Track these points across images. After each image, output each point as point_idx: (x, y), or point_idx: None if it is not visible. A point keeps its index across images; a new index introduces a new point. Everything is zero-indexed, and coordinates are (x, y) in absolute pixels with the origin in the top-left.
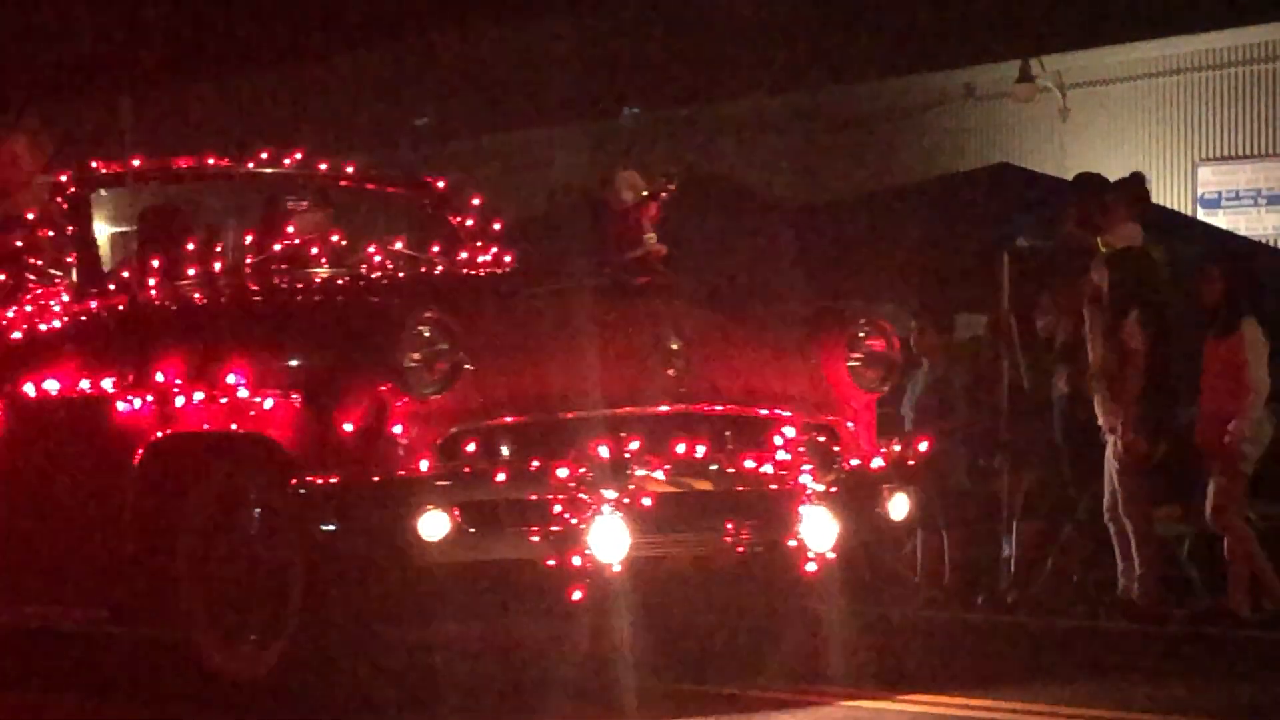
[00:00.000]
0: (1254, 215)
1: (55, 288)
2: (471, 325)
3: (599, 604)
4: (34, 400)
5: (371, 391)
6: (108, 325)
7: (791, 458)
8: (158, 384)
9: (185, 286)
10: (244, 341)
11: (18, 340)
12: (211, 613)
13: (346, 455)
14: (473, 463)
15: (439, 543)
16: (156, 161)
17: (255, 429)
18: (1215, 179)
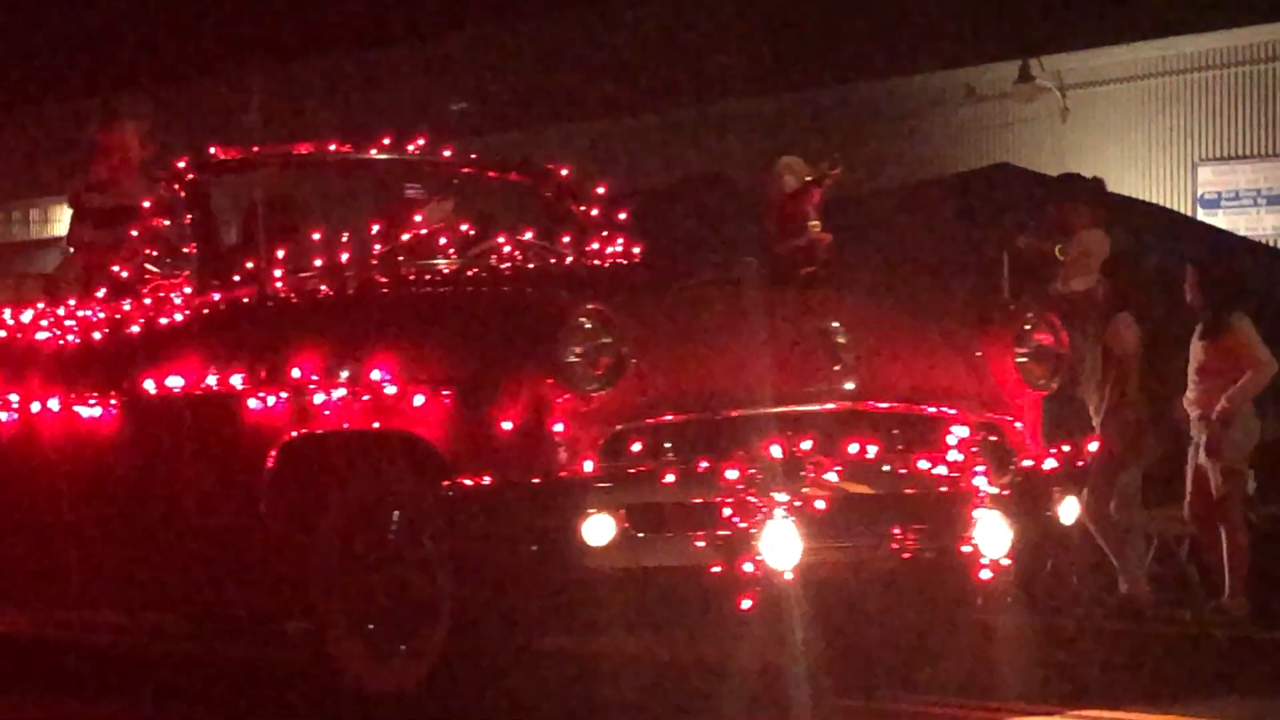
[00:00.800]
0: (1254, 215)
1: (175, 279)
2: (634, 318)
3: (769, 613)
4: (154, 398)
5: (531, 388)
6: (235, 318)
7: (964, 458)
8: (293, 380)
9: (313, 278)
10: (390, 335)
11: (136, 334)
12: (353, 624)
13: (503, 455)
14: (638, 463)
15: (604, 548)
16: (276, 147)
17: (403, 428)
18: (1215, 179)
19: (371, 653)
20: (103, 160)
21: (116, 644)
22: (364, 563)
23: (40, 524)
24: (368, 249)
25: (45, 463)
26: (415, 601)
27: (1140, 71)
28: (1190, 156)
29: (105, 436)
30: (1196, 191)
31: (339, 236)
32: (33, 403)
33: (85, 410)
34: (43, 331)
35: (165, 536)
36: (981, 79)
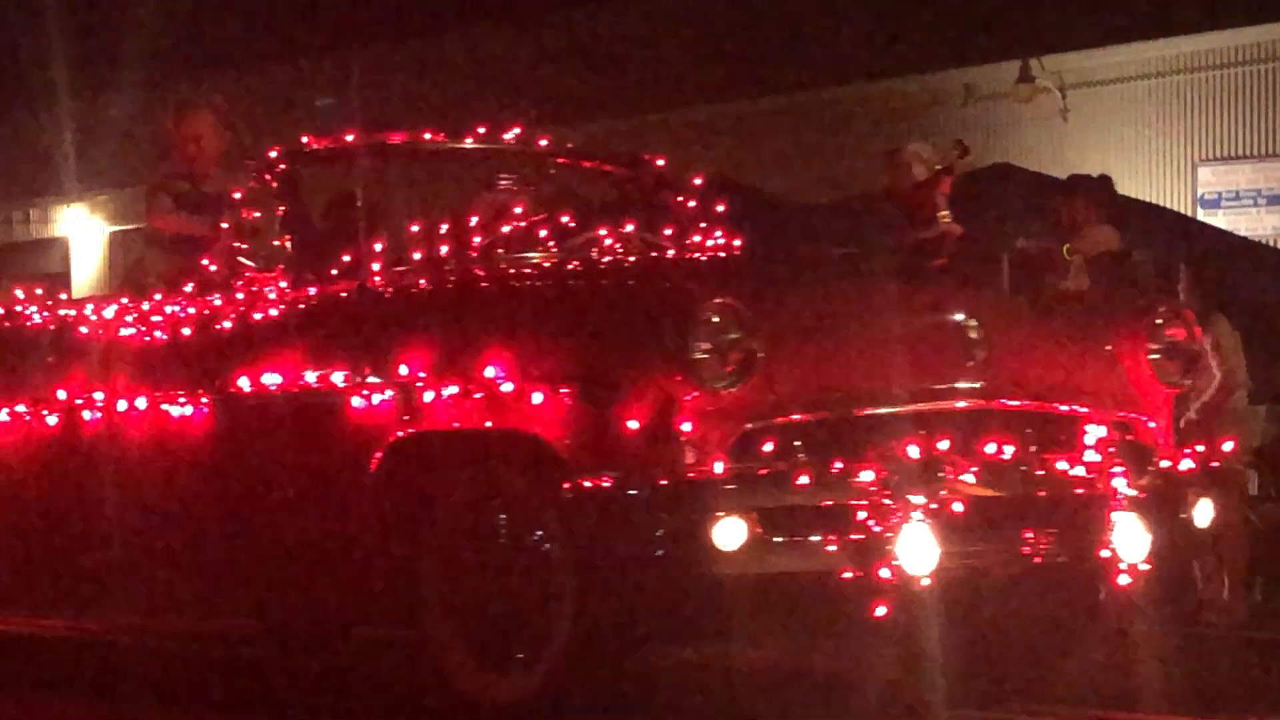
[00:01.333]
0: (1254, 215)
1: (268, 273)
2: (764, 312)
3: (904, 621)
4: (249, 396)
5: (658, 385)
6: (335, 313)
7: (1101, 459)
8: (399, 378)
9: (413, 271)
10: (505, 330)
11: (227, 330)
12: (463, 633)
13: (628, 456)
14: (771, 464)
15: (734, 553)
16: (370, 136)
17: (519, 427)
18: (1215, 179)
19: (482, 663)
20: (179, 151)
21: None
22: (475, 569)
23: (123, 526)
24: (467, 241)
25: (130, 463)
26: (530, 609)
27: (1140, 71)
28: (1190, 156)
29: (195, 437)
30: (1196, 191)
31: (436, 228)
32: (118, 401)
33: (174, 409)
34: (128, 327)
35: (257, 540)
36: (981, 79)
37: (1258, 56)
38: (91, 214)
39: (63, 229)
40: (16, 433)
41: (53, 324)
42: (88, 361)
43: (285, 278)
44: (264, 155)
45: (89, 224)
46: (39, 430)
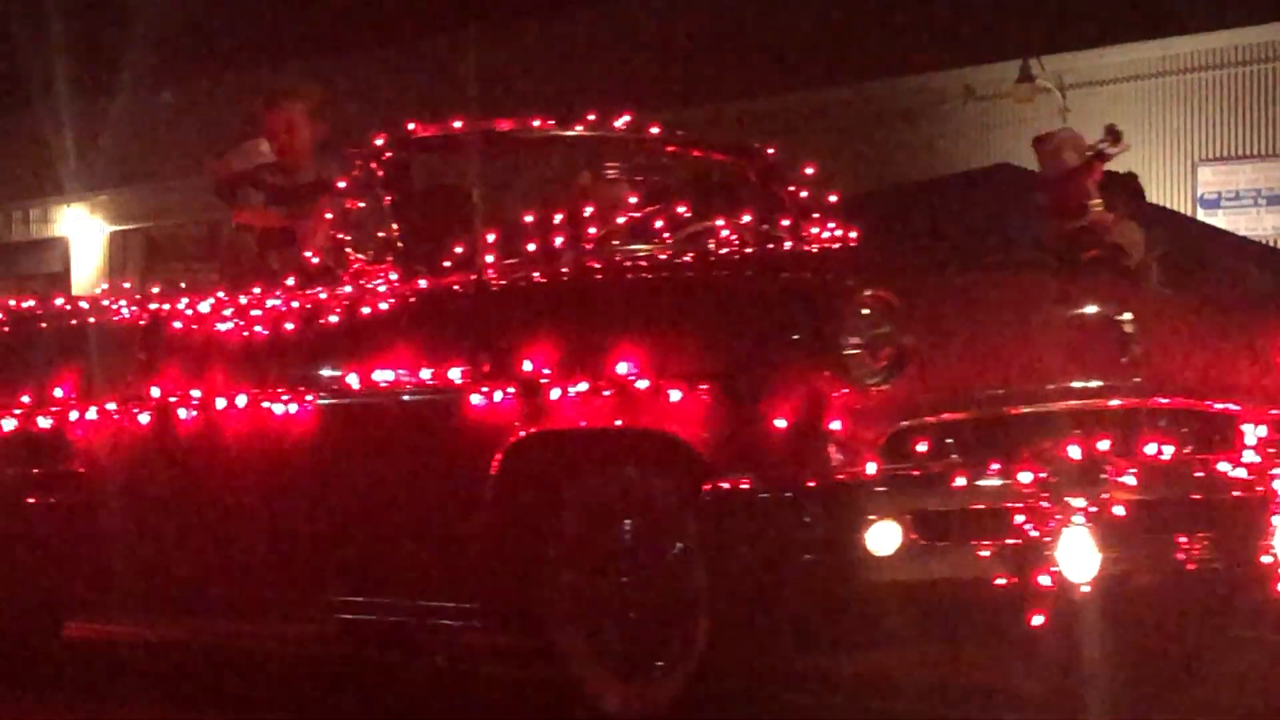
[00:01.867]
0: (1254, 215)
1: (377, 265)
2: (917, 305)
3: (1061, 631)
4: (358, 394)
5: (805, 381)
6: (451, 307)
7: (1261, 459)
8: (522, 375)
9: (528, 263)
10: (637, 324)
11: (334, 325)
12: (594, 642)
13: (773, 456)
14: (925, 465)
15: (889, 558)
16: (478, 123)
17: (655, 426)
18: (1215, 179)
19: (614, 673)
20: (272, 141)
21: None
22: (606, 575)
23: (218, 529)
24: (582, 232)
25: (228, 463)
26: (667, 616)
27: (1140, 71)
28: (1190, 156)
29: (298, 435)
30: (1196, 191)
31: (550, 218)
32: (216, 399)
33: (277, 407)
34: (225, 322)
35: (362, 545)
36: (981, 79)
37: (1258, 56)
38: (91, 214)
39: (63, 229)
40: (104, 431)
41: (142, 319)
42: (183, 358)
43: (395, 270)
44: (368, 143)
45: (89, 224)
46: (130, 429)
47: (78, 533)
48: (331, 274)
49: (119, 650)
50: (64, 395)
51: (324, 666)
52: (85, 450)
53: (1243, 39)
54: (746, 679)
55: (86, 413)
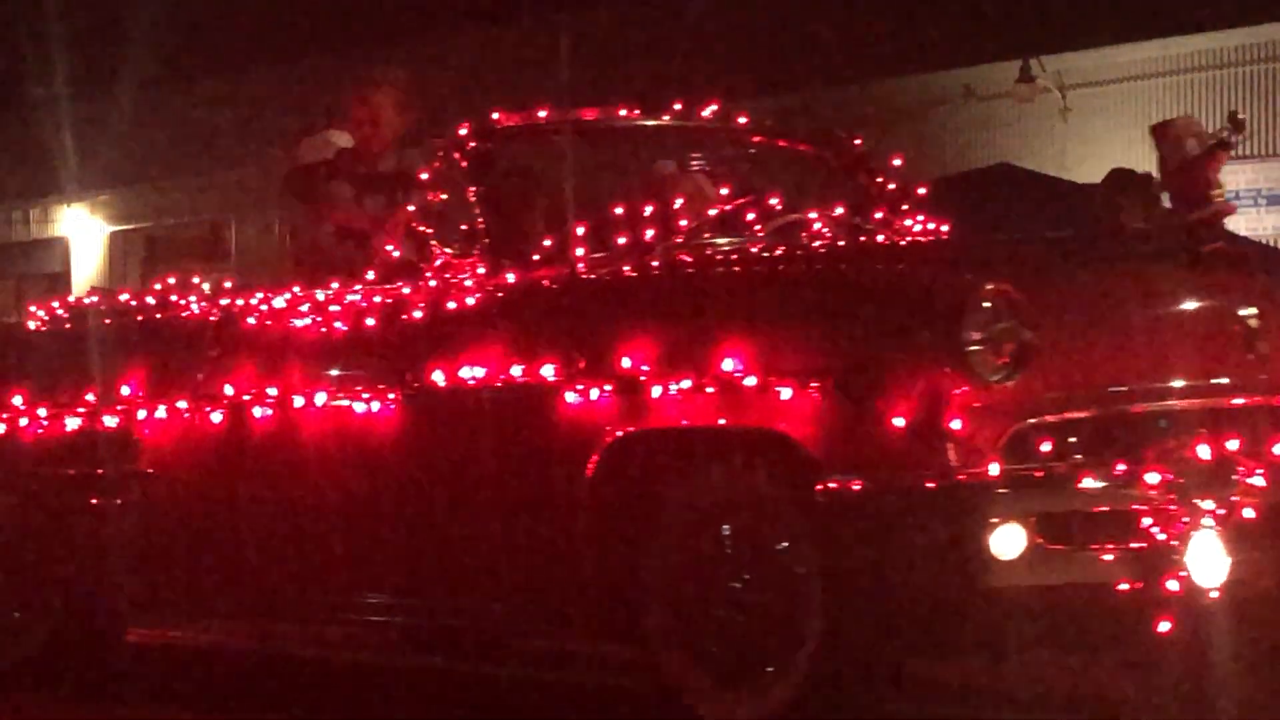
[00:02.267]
0: (1254, 215)
1: (460, 259)
2: (1039, 300)
3: (1189, 638)
4: (444, 392)
5: (924, 378)
6: (543, 301)
7: None
8: (621, 371)
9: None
10: (744, 319)
11: (418, 320)
12: (695, 648)
13: (890, 455)
14: (1048, 465)
15: (1012, 563)
16: (563, 112)
17: (763, 424)
18: None
19: (719, 680)
20: (356, 131)
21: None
22: (710, 580)
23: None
24: (673, 224)
25: (306, 465)
26: (775, 622)
27: (1140, 71)
28: None
29: (380, 435)
30: None
31: (640, 210)
32: (294, 397)
33: (358, 406)
34: (302, 318)
35: (448, 548)
36: (981, 79)
37: (1258, 56)
38: (91, 214)
39: (63, 229)
40: (175, 430)
41: (214, 315)
42: (258, 355)
43: (482, 263)
44: (453, 133)
45: (89, 224)
46: (201, 428)
47: (145, 535)
48: (414, 268)
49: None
50: (131, 394)
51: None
52: (154, 450)
53: (1243, 39)
54: (858, 687)
55: (156, 411)
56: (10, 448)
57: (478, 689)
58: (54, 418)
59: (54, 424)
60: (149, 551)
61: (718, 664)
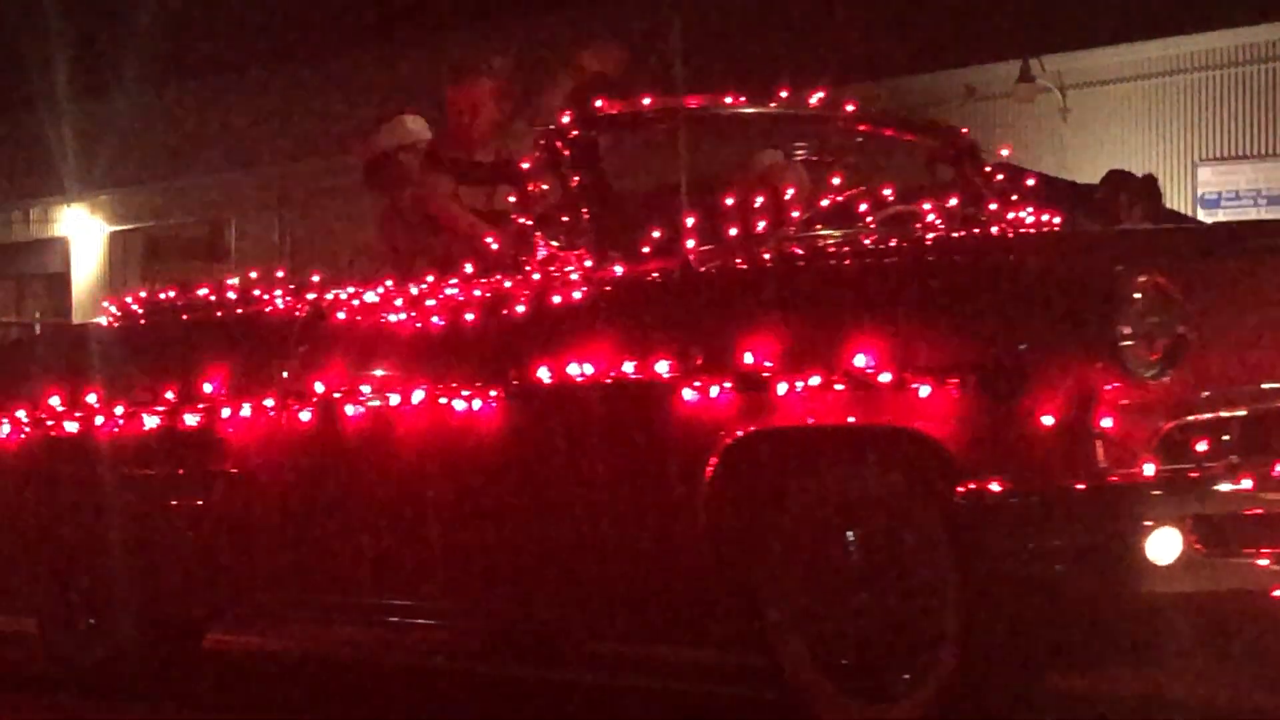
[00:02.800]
0: (1254, 215)
1: (565, 252)
2: (1193, 292)
3: None
4: (550, 389)
5: (1073, 374)
6: (656, 295)
7: None
8: (743, 368)
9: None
10: (878, 313)
11: (522, 315)
12: (824, 658)
13: (1036, 455)
14: (1204, 465)
15: (1169, 568)
16: (668, 100)
17: (899, 422)
18: (1215, 179)
19: (848, 691)
20: (454, 120)
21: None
22: (839, 584)
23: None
24: (785, 215)
25: (400, 465)
26: (908, 630)
27: (1140, 71)
28: (1190, 156)
29: (481, 435)
30: (1197, 191)
31: (750, 200)
32: (388, 396)
33: (457, 403)
34: (397, 313)
35: (554, 553)
36: (981, 79)
37: (1258, 56)
38: (91, 214)
39: (63, 229)
40: (260, 429)
41: (301, 309)
42: (349, 351)
43: (589, 256)
44: (555, 122)
45: (89, 224)
46: (289, 426)
47: (228, 537)
48: (514, 261)
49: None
50: (213, 391)
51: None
52: (239, 449)
53: (1243, 39)
54: (994, 698)
55: (240, 409)
56: (85, 447)
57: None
58: (131, 416)
59: (131, 423)
60: (231, 555)
61: (845, 672)
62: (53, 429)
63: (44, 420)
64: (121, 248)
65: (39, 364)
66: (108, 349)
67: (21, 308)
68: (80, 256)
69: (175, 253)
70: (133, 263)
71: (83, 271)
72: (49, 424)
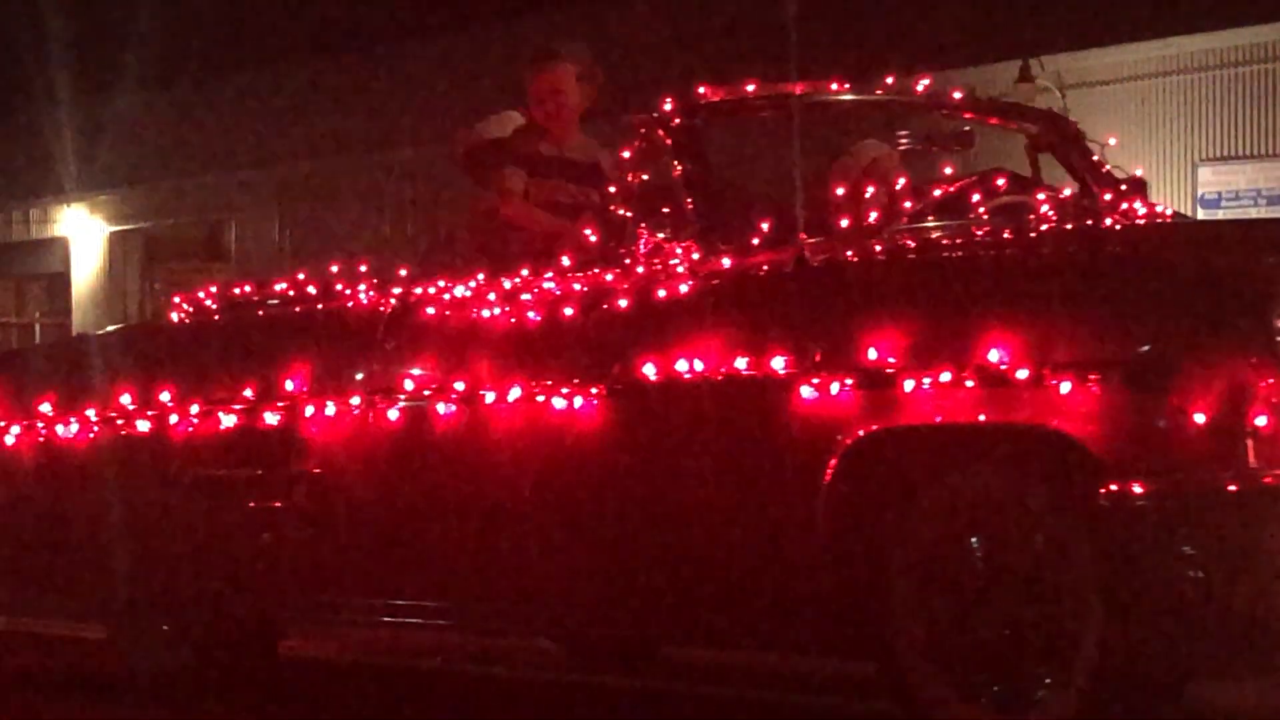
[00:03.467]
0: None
1: (670, 243)
2: None
3: None
4: (656, 386)
5: (1227, 370)
6: (770, 288)
7: None
8: (867, 363)
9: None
10: (1012, 306)
11: (625, 310)
12: (950, 670)
13: (1187, 456)
14: None
15: None
16: (771, 87)
17: (1037, 421)
18: (1215, 179)
19: (975, 700)
20: (538, 108)
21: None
22: (970, 591)
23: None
24: (898, 205)
25: (495, 466)
26: (1044, 638)
27: (1140, 72)
28: (1190, 156)
29: (582, 435)
30: (1197, 191)
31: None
32: (483, 394)
33: (557, 401)
34: (491, 307)
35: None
36: (981, 79)
37: (1258, 56)
38: (91, 214)
39: (63, 229)
40: (345, 428)
41: (387, 304)
42: (439, 347)
43: (696, 248)
44: (656, 109)
45: (89, 224)
46: (377, 425)
47: (309, 539)
48: (613, 254)
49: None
50: (295, 389)
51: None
52: (322, 449)
53: (1243, 39)
54: (1137, 709)
55: (324, 408)
56: (157, 447)
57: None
58: (207, 415)
59: (207, 422)
60: (312, 558)
61: (976, 684)
62: (124, 428)
63: (114, 419)
64: (121, 248)
65: (108, 362)
66: (180, 346)
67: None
68: (80, 256)
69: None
70: (133, 263)
71: (83, 271)
72: (119, 423)
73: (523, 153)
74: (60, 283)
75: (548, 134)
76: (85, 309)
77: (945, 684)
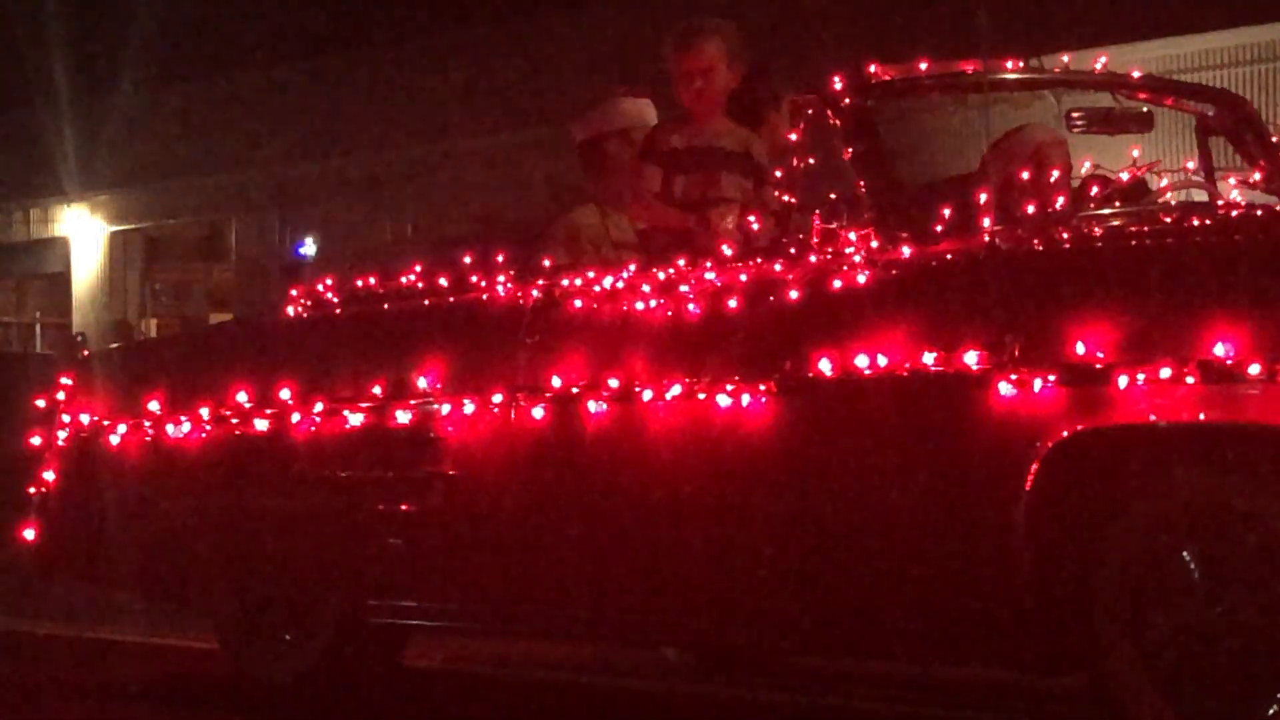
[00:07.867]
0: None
1: (844, 231)
2: None
3: None
4: (833, 383)
5: None
6: (959, 278)
7: None
8: (1073, 358)
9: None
10: (1242, 296)
11: (796, 302)
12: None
13: None
14: None
15: None
16: (943, 66)
17: (1266, 419)
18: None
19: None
20: (685, 88)
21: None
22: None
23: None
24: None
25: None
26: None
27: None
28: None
29: (750, 436)
30: None
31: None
32: (640, 391)
33: (722, 399)
34: (646, 300)
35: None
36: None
37: (1258, 56)
38: (91, 214)
39: (63, 229)
40: (485, 428)
41: (531, 297)
42: (588, 342)
43: (875, 236)
44: (824, 89)
45: (89, 224)
46: (519, 424)
47: (445, 544)
48: (777, 243)
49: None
50: (428, 386)
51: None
52: (459, 450)
53: (1243, 39)
54: None
55: (462, 407)
56: (278, 447)
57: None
58: (331, 414)
59: (332, 421)
60: (445, 564)
61: (1195, 702)
62: (240, 427)
63: (230, 418)
64: (121, 248)
65: (222, 358)
66: (300, 342)
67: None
68: (80, 256)
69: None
70: (133, 263)
71: (83, 271)
72: (235, 422)
73: (660, 149)
74: (60, 283)
75: (691, 117)
76: (85, 309)
77: (1161, 702)
